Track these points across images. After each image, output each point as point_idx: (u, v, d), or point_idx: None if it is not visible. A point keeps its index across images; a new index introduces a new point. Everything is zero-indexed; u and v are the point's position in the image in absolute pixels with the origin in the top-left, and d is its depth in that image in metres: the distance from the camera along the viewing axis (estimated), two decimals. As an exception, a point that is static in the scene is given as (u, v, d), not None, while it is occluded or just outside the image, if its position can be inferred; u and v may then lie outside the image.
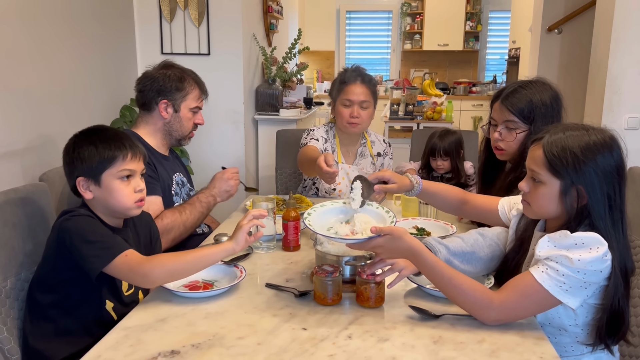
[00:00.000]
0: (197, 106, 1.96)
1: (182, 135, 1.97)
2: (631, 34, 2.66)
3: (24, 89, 2.15)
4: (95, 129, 1.44)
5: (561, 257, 1.12)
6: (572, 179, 1.16)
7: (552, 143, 1.18)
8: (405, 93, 5.03)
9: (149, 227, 1.56)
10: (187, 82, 1.92)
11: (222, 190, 1.93)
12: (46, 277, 1.36)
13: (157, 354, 1.07)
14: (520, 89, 1.63)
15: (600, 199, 1.16)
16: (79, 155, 1.36)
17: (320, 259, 1.41)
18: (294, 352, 1.08)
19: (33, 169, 2.16)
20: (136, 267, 1.25)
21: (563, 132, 1.19)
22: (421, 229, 1.83)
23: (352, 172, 2.31)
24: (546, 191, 1.20)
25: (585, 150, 1.15)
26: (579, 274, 1.11)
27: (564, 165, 1.16)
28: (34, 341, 1.35)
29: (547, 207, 1.22)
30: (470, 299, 1.19)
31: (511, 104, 1.63)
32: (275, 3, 4.20)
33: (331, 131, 2.37)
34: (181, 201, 1.94)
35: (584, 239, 1.12)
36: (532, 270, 1.16)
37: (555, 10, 4.17)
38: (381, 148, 2.43)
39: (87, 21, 2.63)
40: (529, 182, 1.24)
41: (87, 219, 1.32)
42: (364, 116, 2.23)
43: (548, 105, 1.61)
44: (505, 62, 6.69)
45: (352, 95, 2.21)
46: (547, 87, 1.64)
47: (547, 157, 1.18)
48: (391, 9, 7.97)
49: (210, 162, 3.46)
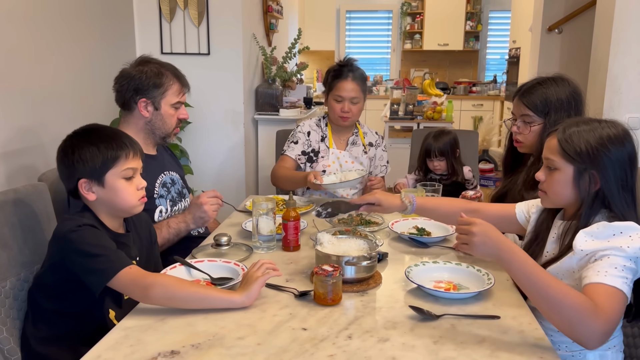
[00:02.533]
0: (179, 101, 1.87)
1: (166, 132, 1.88)
2: (631, 34, 2.66)
3: (24, 89, 2.15)
4: (91, 128, 1.41)
5: (612, 249, 1.12)
6: (585, 163, 1.22)
7: (568, 133, 1.25)
8: (405, 93, 5.02)
9: (148, 227, 1.56)
10: (165, 77, 1.82)
11: (196, 217, 1.77)
12: (51, 286, 1.35)
13: (157, 354, 1.07)
14: (537, 85, 1.73)
15: (613, 182, 1.20)
16: (80, 156, 1.33)
17: (320, 259, 1.41)
18: (294, 352, 1.08)
19: (33, 169, 2.16)
20: (138, 280, 1.23)
21: (577, 125, 1.26)
22: (421, 229, 1.83)
23: (343, 157, 2.43)
24: (561, 177, 1.25)
25: (598, 139, 1.21)
26: (631, 262, 1.12)
27: (577, 151, 1.22)
28: (36, 344, 1.35)
29: (563, 193, 1.27)
30: (572, 310, 1.05)
31: (527, 99, 1.73)
32: (275, 3, 4.20)
33: (323, 120, 2.51)
34: (168, 202, 1.87)
35: (622, 227, 1.15)
36: (599, 279, 1.09)
37: (555, 10, 4.17)
38: (373, 139, 2.55)
39: (87, 21, 2.63)
40: (545, 170, 1.31)
41: (92, 232, 1.29)
42: (354, 110, 2.37)
43: (564, 100, 1.69)
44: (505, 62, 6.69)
45: (343, 92, 2.34)
46: (564, 82, 1.71)
47: (561, 144, 1.24)
48: (391, 9, 7.96)
49: (210, 162, 3.47)
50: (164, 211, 1.85)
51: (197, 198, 1.79)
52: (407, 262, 1.54)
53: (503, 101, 6.55)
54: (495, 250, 1.17)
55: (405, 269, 1.43)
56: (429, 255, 1.64)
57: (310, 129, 2.47)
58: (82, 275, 1.25)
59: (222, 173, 3.48)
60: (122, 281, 1.23)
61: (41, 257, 1.48)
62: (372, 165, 2.53)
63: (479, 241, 1.18)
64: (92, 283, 1.24)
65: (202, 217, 1.77)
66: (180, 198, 1.95)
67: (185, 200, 1.98)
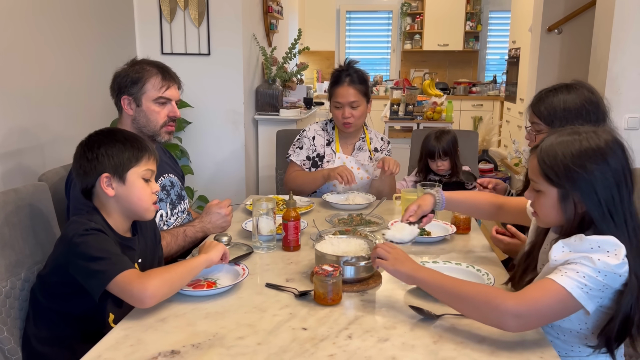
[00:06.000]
0: (161, 96, 1.78)
1: (153, 130, 1.80)
2: (631, 34, 2.66)
3: (24, 89, 2.15)
4: (114, 129, 1.45)
5: (581, 258, 1.09)
6: (566, 187, 1.15)
7: (545, 152, 1.17)
8: (405, 93, 5.02)
9: (153, 228, 1.56)
10: (145, 71, 1.76)
11: (217, 226, 1.75)
12: (53, 286, 1.34)
13: (157, 354, 1.08)
14: (550, 92, 1.67)
15: (597, 205, 1.12)
16: (107, 151, 1.34)
17: (320, 259, 1.41)
18: (294, 352, 1.08)
19: (32, 169, 2.16)
20: (135, 278, 1.21)
21: (556, 138, 1.17)
22: (421, 228, 1.83)
23: (349, 162, 2.41)
24: (546, 200, 1.19)
25: (575, 157, 1.13)
26: (599, 275, 1.07)
27: (556, 174, 1.15)
28: (37, 344, 1.36)
29: (551, 215, 1.20)
30: (482, 301, 1.11)
31: (535, 106, 1.69)
32: (275, 3, 4.20)
33: (330, 124, 2.48)
34: (168, 206, 1.86)
35: (600, 242, 1.10)
36: (551, 276, 1.10)
37: (555, 10, 4.17)
38: (378, 144, 2.53)
39: (87, 21, 2.63)
40: (532, 192, 1.24)
41: (97, 237, 1.27)
42: (355, 115, 2.34)
43: (572, 108, 1.60)
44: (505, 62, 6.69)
45: (340, 98, 2.32)
46: (579, 90, 1.63)
47: (541, 166, 1.17)
48: (391, 9, 7.97)
49: (210, 162, 3.47)
50: (164, 215, 1.84)
51: (220, 207, 1.76)
52: (407, 262, 1.53)
53: (503, 101, 6.55)
54: (409, 271, 1.26)
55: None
56: (429, 255, 1.65)
57: (315, 133, 2.45)
58: (83, 279, 1.24)
59: (222, 173, 3.49)
60: (119, 284, 1.21)
61: (42, 257, 1.48)
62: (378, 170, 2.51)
63: (391, 264, 1.28)
64: (92, 286, 1.22)
65: (224, 227, 1.78)
66: (179, 201, 1.94)
67: (184, 203, 1.97)
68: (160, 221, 1.82)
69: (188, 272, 1.30)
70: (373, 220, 1.94)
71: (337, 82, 2.34)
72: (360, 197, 2.25)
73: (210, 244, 1.43)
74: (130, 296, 1.21)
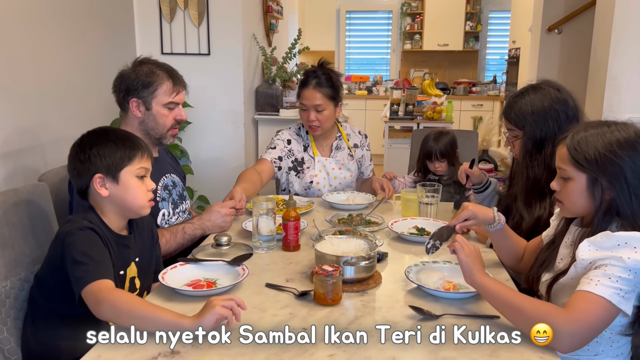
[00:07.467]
0: (172, 101, 1.82)
1: (160, 133, 1.83)
2: (631, 34, 2.66)
3: (24, 89, 2.15)
4: (107, 128, 1.45)
5: (610, 258, 1.10)
6: (596, 172, 1.18)
7: (575, 140, 1.22)
8: (405, 93, 5.02)
9: (150, 227, 1.56)
10: (156, 76, 1.78)
11: (216, 225, 1.76)
12: (51, 286, 1.35)
13: (157, 354, 1.08)
14: (515, 97, 1.70)
15: (626, 191, 1.16)
16: (98, 152, 1.35)
17: (320, 259, 1.41)
18: (294, 352, 1.08)
19: (33, 169, 2.16)
20: (95, 294, 1.16)
21: (585, 130, 1.22)
22: (421, 229, 1.83)
23: (329, 164, 2.36)
24: (575, 186, 1.22)
25: (606, 144, 1.18)
26: (630, 273, 1.08)
27: (586, 159, 1.19)
28: (37, 344, 1.36)
29: (578, 202, 1.24)
30: (538, 318, 1.09)
31: (506, 113, 1.71)
32: (275, 3, 4.20)
33: (303, 129, 2.40)
34: (170, 205, 1.87)
35: (627, 238, 1.11)
36: (586, 288, 1.10)
37: (555, 10, 4.17)
38: (357, 139, 2.48)
39: (87, 21, 2.63)
40: (559, 180, 1.28)
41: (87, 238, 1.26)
42: (321, 119, 2.26)
43: (539, 110, 1.63)
44: (505, 62, 6.69)
45: (305, 100, 2.25)
46: (545, 90, 1.65)
47: (571, 153, 1.21)
48: (391, 9, 7.96)
49: (210, 162, 3.47)
50: (166, 214, 1.84)
51: (221, 207, 1.78)
52: (407, 262, 1.53)
53: (503, 101, 6.55)
54: (475, 270, 1.23)
55: (405, 269, 1.43)
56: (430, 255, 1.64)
57: (290, 137, 2.36)
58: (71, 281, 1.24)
59: (222, 173, 3.48)
60: (86, 294, 1.17)
61: (41, 257, 1.48)
62: (363, 167, 2.51)
63: (466, 255, 1.25)
64: (74, 290, 1.21)
65: (223, 227, 1.78)
66: (181, 200, 1.95)
67: (185, 203, 1.98)
68: (162, 220, 1.82)
69: (152, 322, 1.11)
70: (373, 220, 1.94)
71: (304, 84, 2.26)
72: (360, 197, 2.25)
73: (208, 299, 1.15)
74: (91, 305, 1.16)
